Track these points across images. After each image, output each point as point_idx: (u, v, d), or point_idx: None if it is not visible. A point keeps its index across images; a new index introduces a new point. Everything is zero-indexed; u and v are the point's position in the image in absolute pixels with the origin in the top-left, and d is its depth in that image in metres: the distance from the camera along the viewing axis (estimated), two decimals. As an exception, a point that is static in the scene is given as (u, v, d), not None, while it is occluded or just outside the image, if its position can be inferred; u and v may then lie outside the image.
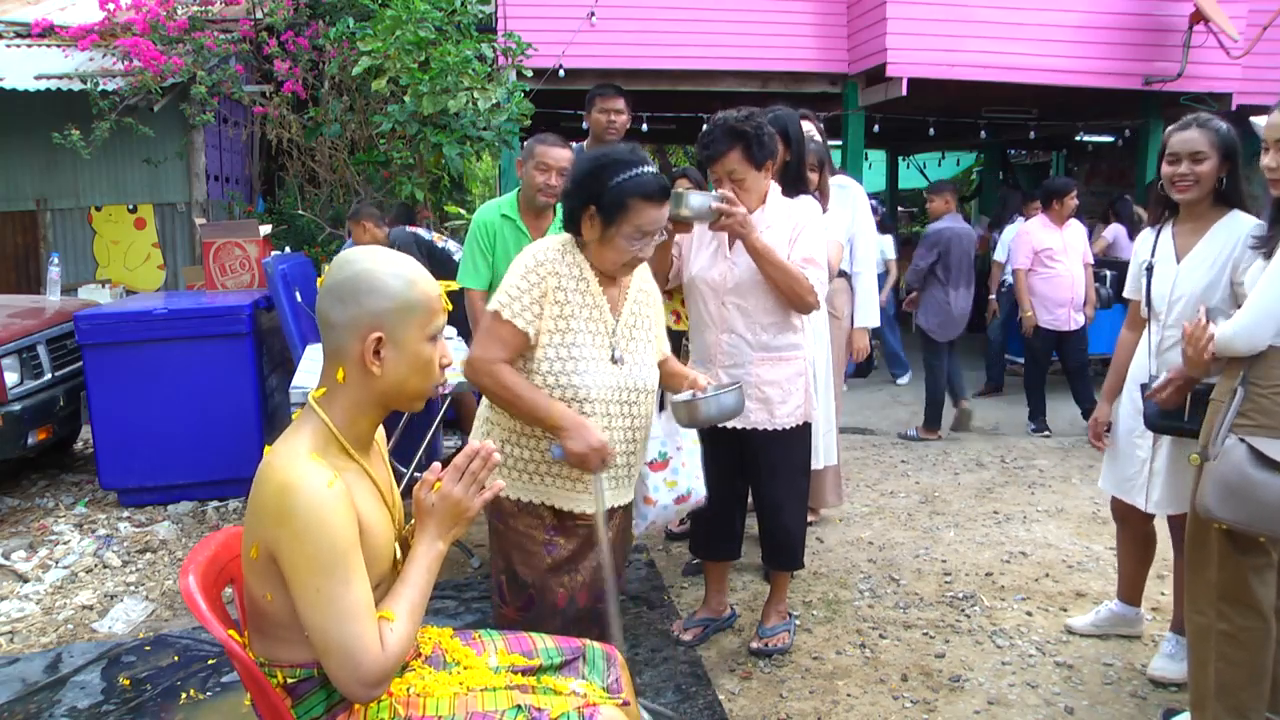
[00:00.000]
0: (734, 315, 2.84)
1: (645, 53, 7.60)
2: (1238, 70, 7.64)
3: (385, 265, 1.50)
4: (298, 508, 1.38)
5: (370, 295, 1.47)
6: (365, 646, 1.40)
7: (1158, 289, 2.72)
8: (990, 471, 5.18)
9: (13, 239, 7.52)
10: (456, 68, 5.95)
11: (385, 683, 1.45)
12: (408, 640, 1.48)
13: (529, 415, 2.17)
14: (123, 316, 4.38)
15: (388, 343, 1.48)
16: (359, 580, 1.42)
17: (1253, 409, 2.16)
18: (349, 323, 1.47)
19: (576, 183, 2.24)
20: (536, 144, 3.50)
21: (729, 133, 2.71)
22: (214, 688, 2.84)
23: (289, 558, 1.39)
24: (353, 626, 1.40)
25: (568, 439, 2.14)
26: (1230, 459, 2.14)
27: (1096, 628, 3.13)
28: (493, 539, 2.35)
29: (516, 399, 2.15)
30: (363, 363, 1.48)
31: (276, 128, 7.16)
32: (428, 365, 1.53)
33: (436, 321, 1.53)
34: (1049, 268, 5.87)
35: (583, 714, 1.56)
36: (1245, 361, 2.19)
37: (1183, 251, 2.68)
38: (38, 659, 3.05)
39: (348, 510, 1.43)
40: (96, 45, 7.11)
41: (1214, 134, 2.57)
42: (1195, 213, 2.66)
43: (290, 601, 1.44)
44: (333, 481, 1.42)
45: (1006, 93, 7.99)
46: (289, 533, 1.38)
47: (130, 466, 4.37)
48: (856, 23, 7.75)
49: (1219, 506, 2.14)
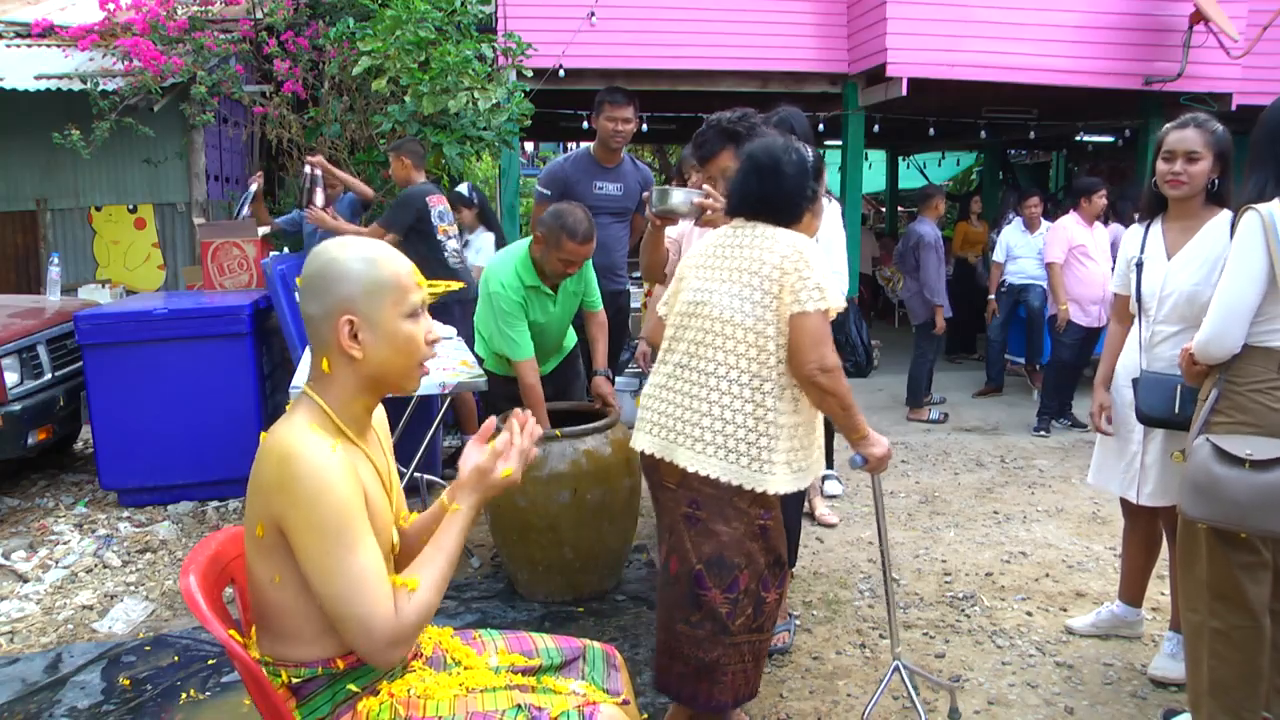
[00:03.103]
0: None
1: (645, 53, 7.60)
2: (1238, 70, 7.63)
3: (350, 251, 1.51)
4: (300, 474, 1.39)
5: (338, 282, 1.48)
6: (378, 611, 1.39)
7: (1148, 285, 2.74)
8: (990, 471, 5.19)
9: (13, 239, 7.52)
10: (456, 68, 5.95)
11: (404, 645, 1.43)
12: (426, 604, 1.45)
13: (850, 418, 2.25)
14: (123, 316, 4.37)
15: (363, 325, 1.49)
16: (368, 544, 1.42)
17: (1229, 406, 2.19)
18: (324, 313, 1.49)
19: None
20: (565, 237, 3.31)
21: (722, 133, 2.74)
22: (214, 688, 2.84)
23: (295, 526, 1.39)
24: (364, 592, 1.39)
25: (873, 446, 2.31)
26: (1196, 459, 2.18)
27: (1096, 629, 3.14)
28: (761, 539, 2.26)
29: (852, 403, 2.24)
30: (342, 350, 1.49)
31: (276, 128, 7.15)
32: (408, 342, 1.53)
33: (411, 298, 1.52)
34: (1083, 265, 5.89)
35: (583, 713, 1.56)
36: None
37: (1173, 249, 2.70)
38: (38, 659, 3.05)
39: (351, 476, 1.43)
40: (96, 45, 7.11)
41: (1210, 135, 2.59)
42: (1186, 211, 2.68)
43: (299, 583, 1.44)
44: (335, 447, 1.43)
45: (1006, 93, 7.98)
46: (293, 500, 1.39)
47: (130, 466, 4.37)
48: (856, 23, 7.75)
49: (1192, 506, 2.19)
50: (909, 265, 6.49)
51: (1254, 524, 2.11)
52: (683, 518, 2.28)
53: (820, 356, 2.16)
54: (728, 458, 2.21)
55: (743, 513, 2.23)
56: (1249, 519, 2.10)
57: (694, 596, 2.25)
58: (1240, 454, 2.11)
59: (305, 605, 1.49)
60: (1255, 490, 2.08)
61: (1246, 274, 2.15)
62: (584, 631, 3.14)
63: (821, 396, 2.21)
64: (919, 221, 6.61)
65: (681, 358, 2.33)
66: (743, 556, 2.23)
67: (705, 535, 2.24)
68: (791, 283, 2.17)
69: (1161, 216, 2.78)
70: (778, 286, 2.18)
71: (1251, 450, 2.10)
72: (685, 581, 2.26)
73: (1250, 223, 2.17)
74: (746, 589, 2.25)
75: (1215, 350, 2.21)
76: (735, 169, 2.67)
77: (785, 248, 2.21)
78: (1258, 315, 2.17)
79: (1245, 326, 2.17)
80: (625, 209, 4.35)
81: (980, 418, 6.39)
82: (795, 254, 2.20)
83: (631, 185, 4.32)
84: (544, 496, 3.21)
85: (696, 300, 2.32)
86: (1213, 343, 2.21)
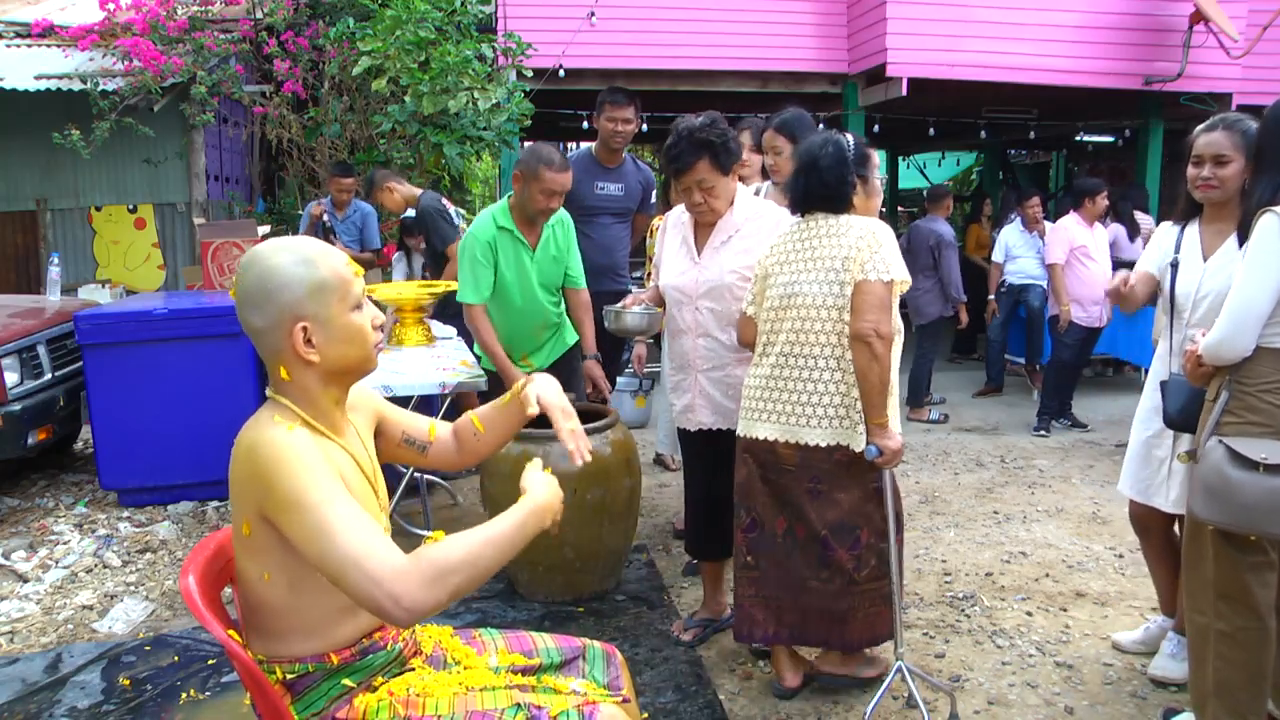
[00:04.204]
0: (708, 319, 2.87)
1: (645, 53, 7.60)
2: (1238, 70, 7.64)
3: (283, 256, 1.48)
4: (266, 457, 1.40)
5: (281, 290, 1.46)
6: (374, 552, 1.33)
7: (1182, 287, 2.67)
8: (990, 471, 5.19)
9: (13, 239, 7.52)
10: (456, 68, 5.96)
11: (417, 597, 1.32)
12: (449, 558, 1.36)
13: (883, 396, 2.41)
14: (123, 316, 4.37)
15: (315, 328, 1.48)
16: (347, 499, 1.40)
17: (1239, 407, 2.17)
18: (272, 324, 1.47)
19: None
20: (542, 167, 3.36)
21: (696, 144, 2.74)
22: (214, 688, 2.84)
23: (275, 508, 1.39)
24: (354, 538, 1.34)
25: (890, 439, 2.43)
26: (1209, 461, 2.16)
27: (1146, 645, 2.98)
28: (876, 500, 2.54)
29: (890, 382, 2.42)
30: (299, 356, 1.48)
31: (276, 128, 7.16)
32: (359, 334, 1.52)
33: (353, 291, 1.52)
34: (1084, 265, 5.89)
35: (582, 712, 1.56)
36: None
37: (1209, 251, 2.62)
38: (38, 659, 3.05)
39: (316, 450, 1.44)
40: (96, 45, 7.12)
41: (1240, 135, 2.51)
42: (1222, 213, 2.60)
43: (289, 579, 1.45)
44: (292, 428, 1.45)
45: (1006, 93, 7.99)
46: (268, 485, 1.40)
47: (130, 466, 4.37)
48: (856, 23, 7.75)
49: (1204, 509, 2.17)
50: (923, 264, 6.38)
51: (1267, 528, 2.09)
52: (805, 493, 2.56)
53: (878, 320, 2.37)
54: (842, 425, 2.50)
55: (858, 479, 2.53)
56: (1262, 522, 2.09)
57: (822, 557, 2.56)
58: (1255, 457, 2.09)
59: (296, 601, 1.50)
60: (1269, 494, 2.06)
61: (1264, 278, 2.11)
62: (584, 631, 3.14)
63: (868, 361, 2.38)
64: (932, 220, 6.56)
65: (784, 347, 2.56)
66: (862, 518, 2.54)
67: (828, 504, 2.54)
68: (862, 259, 2.43)
69: (1198, 219, 2.70)
70: (854, 265, 2.43)
71: (1266, 454, 2.08)
72: (813, 546, 2.57)
73: (1269, 225, 2.12)
74: (868, 544, 2.56)
75: (1226, 353, 2.18)
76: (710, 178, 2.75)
77: (857, 233, 2.47)
78: (1271, 316, 2.14)
79: (1258, 330, 2.14)
80: (626, 209, 4.35)
81: (980, 418, 6.39)
82: (868, 235, 2.46)
83: (633, 185, 4.32)
84: (544, 496, 3.21)
85: (787, 294, 2.55)
86: (1224, 345, 2.17)
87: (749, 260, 2.79)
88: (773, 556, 2.64)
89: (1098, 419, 6.30)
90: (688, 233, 2.93)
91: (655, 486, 4.72)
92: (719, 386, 2.89)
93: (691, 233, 2.92)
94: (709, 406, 2.92)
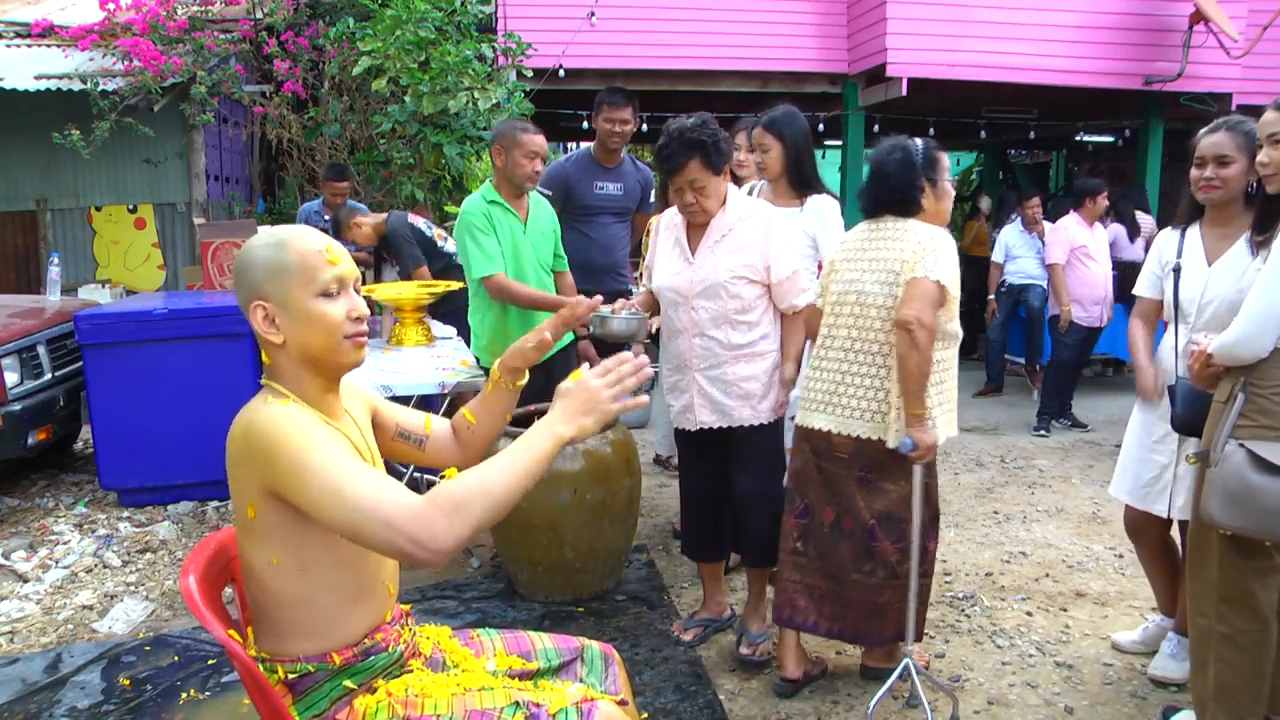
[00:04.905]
0: (704, 318, 2.87)
1: (645, 53, 7.60)
2: (1238, 70, 7.63)
3: (260, 239, 1.53)
4: (264, 431, 1.42)
5: (248, 271, 1.51)
6: (387, 500, 1.33)
7: (1186, 292, 2.64)
8: (990, 471, 5.19)
9: (13, 239, 7.52)
10: (456, 68, 5.96)
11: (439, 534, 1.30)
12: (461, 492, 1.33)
13: (922, 387, 2.46)
14: (123, 316, 4.38)
15: (276, 309, 1.49)
16: (351, 458, 1.42)
17: (1254, 410, 2.14)
18: (242, 304, 1.52)
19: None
20: (519, 132, 3.49)
21: (687, 144, 2.75)
22: (214, 688, 2.84)
23: (282, 477, 1.39)
24: (364, 490, 1.34)
25: (925, 433, 2.48)
26: (1230, 465, 2.12)
27: (1145, 645, 2.99)
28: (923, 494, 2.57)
29: (929, 373, 2.48)
30: (264, 336, 1.51)
31: (276, 128, 7.16)
32: (321, 321, 1.49)
33: (321, 277, 1.49)
34: (1085, 265, 5.89)
35: (581, 710, 1.56)
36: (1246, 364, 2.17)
37: (1213, 255, 2.60)
38: (38, 659, 3.05)
39: (311, 420, 1.46)
40: (96, 45, 7.12)
41: (1243, 137, 2.49)
42: (1225, 216, 2.59)
43: (297, 563, 1.47)
44: (286, 403, 1.47)
45: (1006, 93, 7.98)
46: (268, 456, 1.40)
47: (130, 466, 4.37)
48: (856, 23, 7.75)
49: (1221, 513, 2.12)
50: None
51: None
52: (856, 481, 2.64)
53: (922, 310, 2.45)
54: (884, 419, 2.57)
55: (909, 472, 2.57)
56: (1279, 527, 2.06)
57: (867, 548, 2.63)
58: (1278, 462, 2.06)
59: (306, 588, 1.50)
60: None
61: None
62: (584, 631, 3.14)
63: (908, 349, 2.44)
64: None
65: (844, 342, 2.66)
66: (908, 511, 2.58)
67: (876, 494, 2.62)
68: (916, 260, 2.51)
69: (1199, 221, 2.68)
70: (909, 266, 2.52)
71: None
72: (859, 536, 2.63)
73: None
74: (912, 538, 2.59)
75: (1243, 353, 2.13)
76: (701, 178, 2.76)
77: (916, 238, 2.56)
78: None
79: (1278, 332, 2.10)
80: (626, 209, 4.35)
81: (980, 418, 6.39)
82: (927, 240, 2.55)
83: (632, 185, 4.32)
84: (544, 496, 3.21)
85: (848, 290, 2.66)
86: (1241, 345, 2.12)
87: (743, 259, 2.80)
88: (819, 545, 2.71)
89: (1098, 419, 6.30)
90: (680, 234, 2.94)
91: (655, 486, 4.72)
92: (717, 385, 2.89)
93: (684, 234, 2.93)
94: (708, 405, 2.92)
